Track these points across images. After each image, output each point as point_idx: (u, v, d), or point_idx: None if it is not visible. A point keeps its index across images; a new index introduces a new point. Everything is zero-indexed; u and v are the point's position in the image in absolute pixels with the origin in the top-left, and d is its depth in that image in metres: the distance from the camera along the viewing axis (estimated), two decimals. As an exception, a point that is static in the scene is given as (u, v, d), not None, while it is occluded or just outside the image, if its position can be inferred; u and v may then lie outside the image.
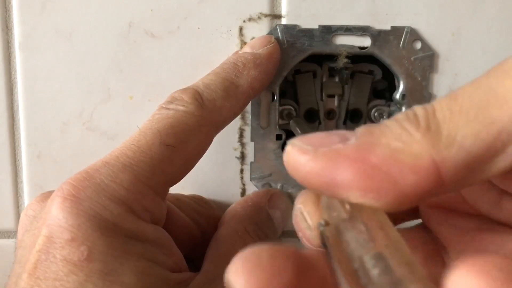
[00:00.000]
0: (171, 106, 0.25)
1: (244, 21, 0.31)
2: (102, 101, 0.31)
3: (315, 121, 0.33)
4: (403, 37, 0.30)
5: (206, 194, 0.32)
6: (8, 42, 0.31)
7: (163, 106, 0.25)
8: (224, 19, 0.31)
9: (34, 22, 0.30)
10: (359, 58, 0.32)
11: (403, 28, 0.30)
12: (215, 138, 0.32)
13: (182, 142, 0.24)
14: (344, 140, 0.16)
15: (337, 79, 0.32)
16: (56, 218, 0.21)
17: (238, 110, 0.27)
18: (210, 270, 0.24)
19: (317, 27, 0.30)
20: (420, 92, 0.31)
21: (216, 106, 0.26)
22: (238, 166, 0.32)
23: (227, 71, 0.27)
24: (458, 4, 0.31)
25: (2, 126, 0.32)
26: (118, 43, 0.31)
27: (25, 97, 0.31)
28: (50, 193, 0.23)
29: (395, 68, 0.31)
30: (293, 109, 0.32)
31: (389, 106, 0.33)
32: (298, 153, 0.16)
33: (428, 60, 0.31)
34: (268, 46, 0.29)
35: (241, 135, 0.32)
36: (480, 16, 0.31)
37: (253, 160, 0.32)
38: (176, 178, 0.25)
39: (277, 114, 0.31)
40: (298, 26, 0.30)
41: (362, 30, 0.30)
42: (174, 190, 0.28)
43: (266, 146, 0.31)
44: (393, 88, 0.32)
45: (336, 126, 0.33)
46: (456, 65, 0.31)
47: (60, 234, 0.21)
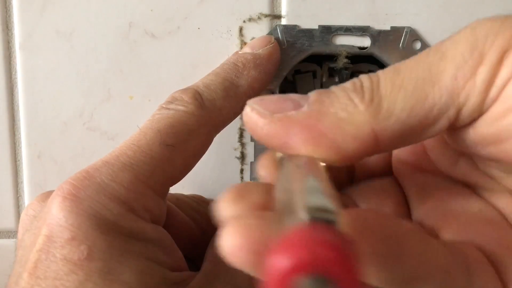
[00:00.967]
0: (171, 106, 0.25)
1: (244, 21, 0.31)
2: (102, 101, 0.31)
3: None
4: (403, 37, 0.30)
5: (206, 194, 0.32)
6: (8, 42, 0.31)
7: (163, 106, 0.25)
8: (224, 19, 0.31)
9: (34, 22, 0.30)
10: (359, 58, 0.32)
11: (403, 28, 0.30)
12: (215, 138, 0.32)
13: (182, 142, 0.24)
14: (297, 106, 0.18)
15: (337, 79, 0.32)
16: (56, 217, 0.21)
17: (238, 110, 0.27)
18: (210, 270, 0.24)
19: (317, 27, 0.30)
20: None
21: (216, 106, 0.26)
22: (238, 166, 0.32)
23: (227, 71, 0.27)
24: (458, 4, 0.31)
25: (3, 126, 0.32)
26: (118, 43, 0.31)
27: (25, 97, 0.31)
28: (50, 192, 0.23)
29: None
30: None
31: None
32: (257, 116, 0.18)
33: None
34: (268, 46, 0.29)
35: (241, 135, 0.32)
36: (479, 16, 0.31)
37: (253, 160, 0.32)
38: (176, 178, 0.25)
39: None
40: (298, 26, 0.30)
41: (362, 30, 0.30)
42: (174, 190, 0.28)
43: (265, 146, 0.31)
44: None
45: None
46: (455, 65, 0.31)
47: (60, 233, 0.21)
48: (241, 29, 0.31)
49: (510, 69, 0.17)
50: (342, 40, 0.31)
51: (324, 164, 0.18)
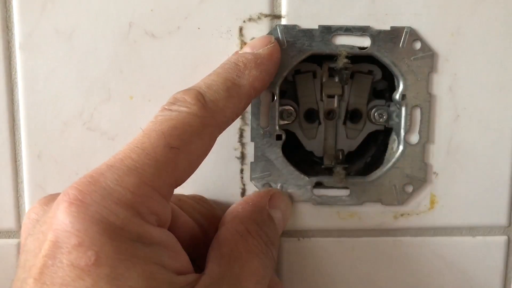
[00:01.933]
0: (174, 107, 0.25)
1: (244, 21, 0.31)
2: (102, 101, 0.31)
3: (315, 121, 0.33)
4: (403, 37, 0.30)
5: (206, 194, 0.32)
6: (8, 42, 0.31)
7: (166, 107, 0.25)
8: (224, 19, 0.31)
9: (35, 22, 0.30)
10: (359, 58, 0.32)
11: (403, 28, 0.30)
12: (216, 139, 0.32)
13: (187, 143, 0.24)
14: None
15: (337, 79, 0.32)
16: (62, 223, 0.21)
17: (240, 111, 0.27)
18: (214, 271, 0.24)
19: (317, 27, 0.30)
20: (420, 92, 0.31)
21: (219, 107, 0.26)
22: (238, 166, 0.32)
23: (229, 71, 0.27)
24: (458, 4, 0.31)
25: (3, 126, 0.32)
26: (118, 43, 0.31)
27: (25, 97, 0.31)
28: (53, 196, 0.23)
29: (395, 68, 0.31)
30: (293, 109, 0.32)
31: (388, 106, 0.33)
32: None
33: (428, 60, 0.31)
34: (268, 46, 0.29)
35: (241, 135, 0.32)
36: (479, 16, 0.31)
37: (253, 160, 0.32)
38: (181, 180, 0.25)
39: (277, 114, 0.31)
40: (298, 26, 0.30)
41: (362, 30, 0.30)
42: (175, 190, 0.28)
43: (266, 145, 0.32)
44: (393, 88, 0.32)
45: (335, 126, 0.34)
46: (455, 65, 0.31)
47: (66, 239, 0.21)
48: (241, 29, 0.31)
49: None
50: (342, 40, 0.31)
51: None
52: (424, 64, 0.31)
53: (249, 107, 0.31)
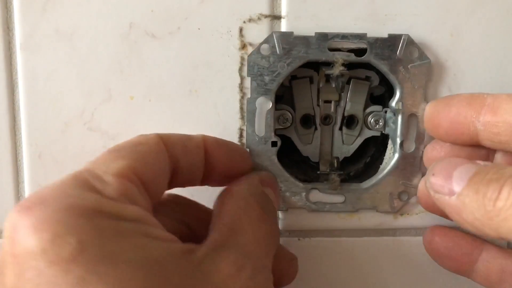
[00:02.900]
0: None
1: (244, 21, 0.31)
2: (103, 101, 0.31)
3: (311, 126, 0.33)
4: (400, 45, 0.30)
5: (206, 194, 0.32)
6: (9, 43, 0.31)
7: None
8: (224, 20, 0.31)
9: (35, 23, 0.31)
10: (356, 64, 0.31)
11: (400, 36, 0.30)
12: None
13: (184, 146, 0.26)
14: (451, 193, 0.24)
15: (333, 85, 0.32)
16: (19, 229, 0.18)
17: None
18: (216, 239, 0.24)
19: (313, 34, 0.30)
20: (416, 100, 0.31)
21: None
22: (238, 166, 0.32)
23: None
24: (457, 5, 0.31)
25: (3, 126, 0.32)
26: (119, 44, 0.31)
27: (26, 97, 0.31)
28: None
29: (392, 76, 0.30)
30: (289, 114, 0.32)
31: (385, 112, 0.32)
32: (427, 189, 0.26)
33: (425, 68, 0.30)
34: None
35: (241, 135, 0.32)
36: (479, 16, 0.31)
37: (252, 160, 0.32)
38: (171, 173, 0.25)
39: (272, 120, 0.31)
40: (294, 33, 0.30)
41: (358, 38, 0.30)
42: (175, 190, 0.28)
43: (261, 152, 0.31)
44: (391, 93, 0.32)
45: (332, 132, 0.33)
46: (455, 65, 0.32)
47: (34, 241, 0.18)
48: (241, 29, 0.31)
49: None
50: (338, 46, 0.30)
51: None
52: (421, 72, 0.30)
53: (244, 113, 0.31)
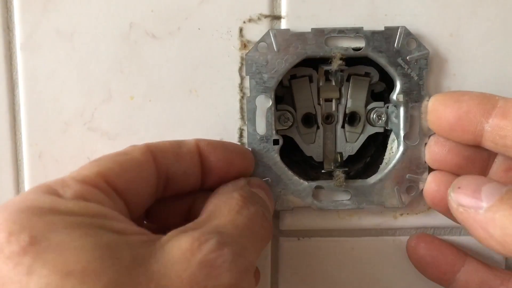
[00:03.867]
0: None
1: (244, 21, 0.31)
2: (103, 101, 0.31)
3: (313, 125, 0.33)
4: (397, 37, 0.30)
5: (207, 193, 0.32)
6: (9, 43, 0.31)
7: None
8: (224, 20, 0.31)
9: (35, 23, 0.31)
10: (356, 60, 0.31)
11: (397, 28, 0.30)
12: (216, 138, 0.32)
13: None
14: (478, 206, 0.25)
15: (333, 83, 0.32)
16: None
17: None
18: (189, 226, 0.23)
19: (309, 30, 0.30)
20: (417, 91, 0.31)
21: None
22: (238, 166, 0.32)
23: None
24: (457, 4, 0.31)
25: (4, 126, 0.32)
26: (119, 44, 0.31)
27: (26, 97, 0.31)
28: None
29: (391, 68, 0.30)
30: (290, 114, 0.32)
31: (387, 107, 0.32)
32: (451, 201, 0.27)
33: (423, 59, 0.31)
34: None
35: (241, 135, 0.32)
36: (478, 17, 0.31)
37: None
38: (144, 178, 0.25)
39: (273, 119, 0.31)
40: (290, 30, 0.30)
41: (355, 32, 0.30)
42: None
43: (264, 151, 0.31)
44: (391, 89, 0.32)
45: (334, 130, 0.33)
46: (454, 65, 0.32)
47: None
48: (241, 29, 0.31)
49: None
50: (336, 42, 0.31)
51: None
52: (420, 63, 0.30)
53: (245, 113, 0.31)
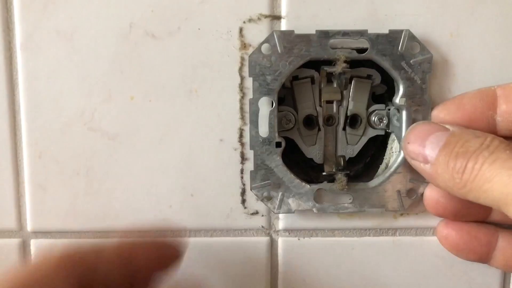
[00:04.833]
0: None
1: (244, 22, 0.31)
2: (103, 101, 0.31)
3: (314, 127, 0.33)
4: (401, 40, 0.30)
5: (206, 194, 0.32)
6: (9, 43, 0.31)
7: None
8: (224, 20, 0.31)
9: (36, 23, 0.31)
10: (358, 62, 0.31)
11: (401, 31, 0.30)
12: (216, 138, 0.32)
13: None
14: (425, 160, 0.27)
15: (335, 85, 0.32)
16: None
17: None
18: None
19: (314, 32, 0.30)
20: (420, 95, 0.31)
21: None
22: (238, 166, 0.32)
23: None
24: (457, 4, 0.31)
25: (4, 126, 0.32)
26: (119, 44, 0.31)
27: (26, 97, 0.31)
28: None
29: (394, 72, 0.30)
30: (291, 115, 0.32)
31: (389, 110, 0.32)
32: (405, 151, 0.29)
33: (427, 63, 0.30)
34: None
35: (241, 135, 0.32)
36: (478, 17, 0.31)
37: (252, 168, 0.31)
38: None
39: (275, 121, 0.31)
40: (295, 31, 0.30)
41: (359, 34, 0.30)
42: (175, 189, 0.28)
43: (266, 153, 0.31)
44: (392, 92, 0.32)
45: (335, 132, 0.33)
46: (454, 66, 0.32)
47: None
48: (241, 29, 0.31)
49: None
50: (340, 44, 0.30)
51: None
52: (423, 67, 0.30)
53: (247, 115, 0.31)
